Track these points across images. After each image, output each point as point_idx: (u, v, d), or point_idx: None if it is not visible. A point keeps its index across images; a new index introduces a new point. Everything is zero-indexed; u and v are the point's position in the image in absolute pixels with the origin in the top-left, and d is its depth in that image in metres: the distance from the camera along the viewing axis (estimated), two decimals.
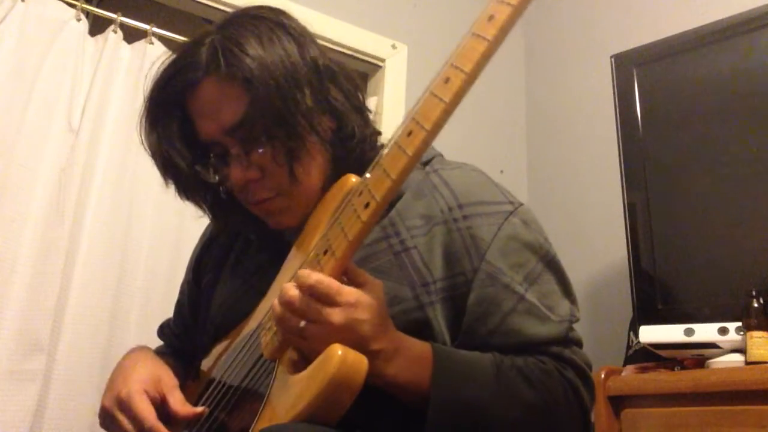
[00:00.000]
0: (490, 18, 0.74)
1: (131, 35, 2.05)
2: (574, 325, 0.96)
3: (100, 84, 1.93)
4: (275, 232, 1.05)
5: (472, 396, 0.84)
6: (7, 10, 1.84)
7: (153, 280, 1.91)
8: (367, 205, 0.78)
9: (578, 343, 0.95)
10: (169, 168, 1.00)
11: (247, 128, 0.91)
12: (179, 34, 2.11)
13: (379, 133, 1.04)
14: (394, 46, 2.48)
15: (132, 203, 1.92)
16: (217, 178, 0.99)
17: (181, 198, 1.04)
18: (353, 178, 0.91)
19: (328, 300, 0.78)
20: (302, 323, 0.79)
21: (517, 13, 0.73)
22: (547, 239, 0.98)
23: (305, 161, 0.94)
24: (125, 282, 1.86)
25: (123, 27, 2.02)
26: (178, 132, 0.98)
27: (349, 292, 0.79)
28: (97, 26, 2.08)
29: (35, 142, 1.82)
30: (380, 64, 2.45)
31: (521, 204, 0.98)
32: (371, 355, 0.80)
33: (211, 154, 0.98)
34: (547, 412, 0.87)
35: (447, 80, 0.75)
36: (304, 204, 0.97)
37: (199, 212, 1.08)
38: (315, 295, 0.78)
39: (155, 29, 2.06)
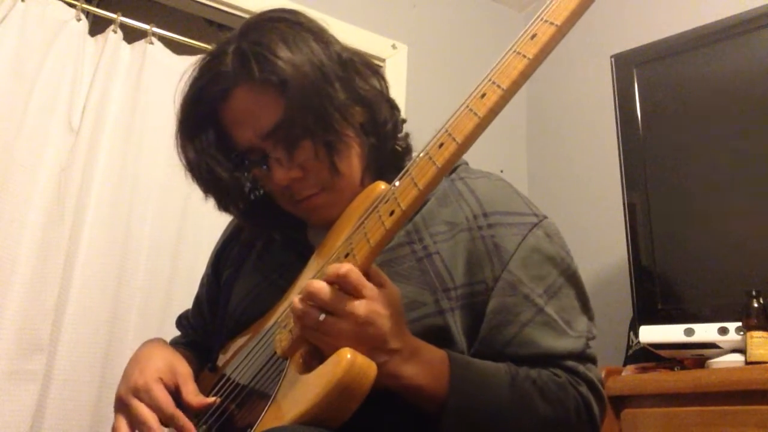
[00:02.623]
0: (533, 37, 0.74)
1: (131, 35, 2.05)
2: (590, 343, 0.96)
3: (100, 84, 1.93)
4: (300, 234, 1.06)
5: (487, 404, 0.84)
6: (7, 10, 1.84)
7: (153, 280, 1.91)
8: (391, 213, 0.79)
9: (593, 361, 0.95)
10: (211, 181, 0.99)
11: (286, 129, 0.92)
12: (179, 34, 2.11)
13: (404, 121, 1.06)
14: (394, 46, 2.48)
15: (132, 203, 1.92)
16: (251, 183, 1.00)
17: (220, 210, 1.04)
18: (382, 185, 0.91)
19: (355, 292, 0.79)
20: (322, 316, 0.79)
21: (560, 33, 0.74)
22: (569, 253, 0.98)
23: (344, 154, 0.95)
24: (125, 282, 1.86)
25: (123, 27, 2.02)
26: (215, 143, 0.99)
27: (372, 288, 0.80)
28: (97, 26, 2.08)
29: (35, 142, 1.82)
30: (380, 64, 2.45)
31: (545, 217, 0.98)
32: (390, 353, 0.80)
33: (249, 160, 0.98)
34: (558, 425, 0.87)
35: (483, 95, 0.76)
36: (347, 196, 0.98)
37: (200, 213, 1.08)
38: (344, 285, 0.79)
39: (155, 29, 2.06)
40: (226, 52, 0.95)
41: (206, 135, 0.99)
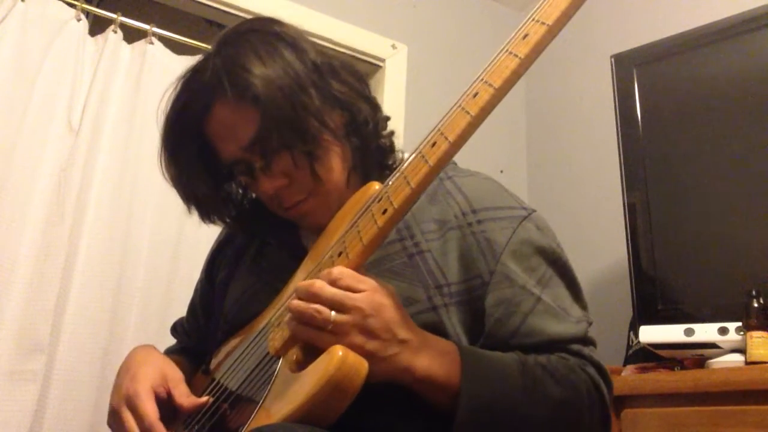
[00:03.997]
0: (525, 36, 0.75)
1: (131, 35, 2.05)
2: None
3: (100, 84, 1.93)
4: (294, 236, 1.07)
5: (501, 391, 0.84)
6: (7, 10, 1.84)
7: (153, 280, 1.91)
8: (384, 212, 0.79)
9: (595, 345, 0.96)
10: (192, 197, 1.03)
11: (264, 141, 0.94)
12: (179, 34, 2.11)
13: (388, 118, 1.07)
14: (394, 46, 2.48)
15: (132, 203, 1.92)
16: (241, 192, 1.02)
17: (204, 221, 1.06)
18: (376, 185, 0.92)
19: (351, 288, 0.79)
20: (333, 314, 0.78)
21: (551, 33, 0.74)
22: (559, 245, 0.98)
23: (325, 159, 0.97)
24: (125, 282, 1.86)
25: (123, 27, 2.02)
26: (197, 160, 1.01)
27: (370, 280, 0.81)
28: (97, 26, 2.08)
29: (35, 142, 1.82)
30: (380, 64, 2.45)
31: (534, 210, 0.99)
32: (401, 344, 0.80)
33: (236, 172, 1.00)
34: (572, 407, 0.88)
35: (475, 95, 0.76)
36: (335, 200, 0.99)
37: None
38: (339, 286, 0.79)
39: (155, 29, 2.06)
40: (205, 68, 0.97)
41: (189, 152, 1.01)
